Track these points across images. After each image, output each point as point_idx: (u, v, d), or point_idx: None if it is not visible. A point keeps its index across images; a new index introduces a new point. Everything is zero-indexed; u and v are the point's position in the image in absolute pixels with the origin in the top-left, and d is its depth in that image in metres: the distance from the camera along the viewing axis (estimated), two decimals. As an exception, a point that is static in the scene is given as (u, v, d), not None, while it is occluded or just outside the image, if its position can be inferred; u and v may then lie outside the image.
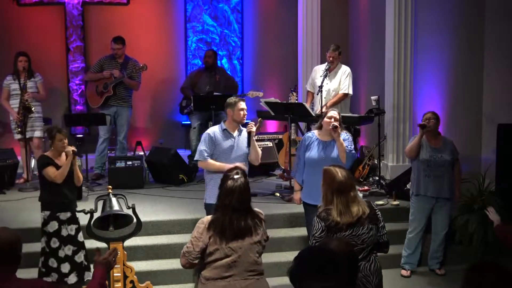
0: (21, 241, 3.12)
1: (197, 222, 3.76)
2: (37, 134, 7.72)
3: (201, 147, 5.32)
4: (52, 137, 5.18)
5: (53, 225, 5.14)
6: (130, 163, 7.65)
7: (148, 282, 4.96)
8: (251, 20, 9.78)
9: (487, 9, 6.71)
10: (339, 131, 5.12)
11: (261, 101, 7.45)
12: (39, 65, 7.94)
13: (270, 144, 8.55)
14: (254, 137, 5.37)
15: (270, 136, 9.04)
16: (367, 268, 3.80)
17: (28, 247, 5.37)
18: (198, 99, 7.88)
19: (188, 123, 8.84)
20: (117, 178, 7.39)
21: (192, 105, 8.07)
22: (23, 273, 5.17)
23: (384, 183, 7.21)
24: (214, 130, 5.37)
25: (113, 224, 4.85)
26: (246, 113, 5.39)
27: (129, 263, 4.90)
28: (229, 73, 9.29)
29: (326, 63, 7.23)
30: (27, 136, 7.65)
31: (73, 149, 5.17)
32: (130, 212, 4.91)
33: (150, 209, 6.50)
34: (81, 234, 5.26)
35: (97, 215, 4.84)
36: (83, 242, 5.27)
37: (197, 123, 8.34)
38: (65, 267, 5.14)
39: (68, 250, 5.15)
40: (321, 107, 6.95)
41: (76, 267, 5.17)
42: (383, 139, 7.74)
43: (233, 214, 3.61)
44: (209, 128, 5.49)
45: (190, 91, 8.53)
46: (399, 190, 6.69)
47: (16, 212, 6.43)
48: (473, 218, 5.92)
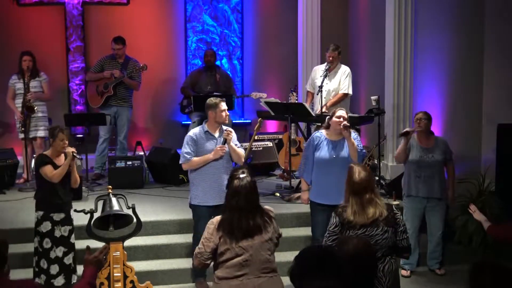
0: (7, 242, 3.16)
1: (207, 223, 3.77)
2: (40, 134, 7.71)
3: (184, 149, 5.34)
4: (54, 135, 5.13)
5: (46, 226, 5.13)
6: (130, 163, 7.65)
7: (148, 282, 4.95)
8: (251, 20, 9.78)
9: (487, 9, 6.71)
10: (350, 130, 5.12)
11: (261, 101, 7.45)
12: (39, 65, 7.91)
13: (270, 144, 8.54)
14: (231, 143, 5.35)
15: (270, 136, 9.04)
16: (380, 269, 3.81)
17: (29, 247, 5.39)
18: (198, 99, 7.87)
19: (188, 122, 8.84)
20: (117, 178, 7.39)
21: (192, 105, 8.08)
22: (22, 273, 5.22)
23: (384, 183, 7.20)
24: (195, 132, 5.38)
25: (113, 224, 4.84)
26: (228, 113, 5.40)
27: (129, 263, 4.89)
28: (224, 70, 9.24)
29: (326, 63, 7.22)
30: (31, 135, 7.65)
31: (73, 150, 5.14)
32: (130, 212, 4.90)
33: (150, 209, 6.50)
34: (73, 235, 5.24)
35: (97, 215, 4.84)
36: (74, 243, 5.24)
37: (196, 118, 8.31)
38: (54, 268, 5.11)
39: (59, 251, 5.13)
40: (321, 107, 6.96)
41: (64, 269, 5.14)
42: (383, 139, 7.74)
43: (241, 213, 3.62)
44: (190, 130, 5.46)
45: (190, 90, 8.53)
46: (399, 190, 6.67)
47: (16, 212, 6.42)
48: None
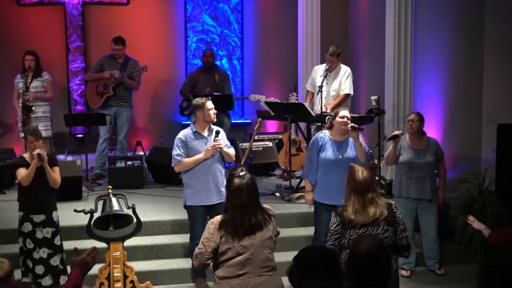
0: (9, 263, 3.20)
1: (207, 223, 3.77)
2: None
3: (175, 152, 5.34)
4: (25, 138, 5.12)
5: (27, 227, 5.14)
6: (130, 163, 7.66)
7: (148, 282, 4.95)
8: (251, 20, 9.78)
9: (487, 9, 6.71)
10: (358, 132, 5.12)
11: (261, 101, 7.45)
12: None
13: (270, 144, 8.54)
14: (224, 149, 5.35)
15: (270, 136, 9.03)
16: None
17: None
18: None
19: (188, 122, 8.83)
20: (117, 178, 7.39)
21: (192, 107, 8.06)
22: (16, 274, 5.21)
23: (384, 183, 7.20)
24: (184, 133, 5.39)
25: (113, 224, 4.84)
26: (215, 111, 5.39)
27: (129, 263, 4.89)
28: (224, 70, 9.21)
29: (326, 64, 7.23)
30: None
31: (38, 152, 5.05)
32: (130, 212, 4.90)
33: (150, 209, 6.50)
34: (58, 237, 5.23)
35: (97, 215, 4.84)
36: (60, 245, 5.24)
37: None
38: (39, 269, 5.11)
39: (43, 253, 5.12)
40: (321, 107, 6.96)
41: (51, 270, 5.13)
42: (383, 139, 7.73)
43: (243, 211, 3.63)
44: (180, 132, 5.46)
45: (189, 93, 8.50)
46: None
47: (16, 212, 6.38)
48: (469, 213, 5.91)
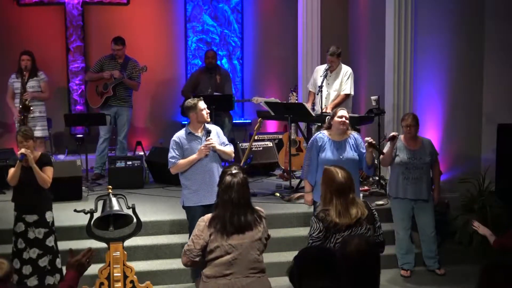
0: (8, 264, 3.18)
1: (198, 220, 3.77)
2: (38, 134, 7.68)
3: (170, 154, 5.33)
4: (16, 138, 5.14)
5: (20, 226, 5.15)
6: (130, 163, 7.65)
7: (148, 282, 4.95)
8: (251, 20, 9.77)
9: (487, 9, 6.71)
10: (375, 150, 5.20)
11: (261, 101, 7.45)
12: (39, 65, 7.91)
13: (270, 144, 8.54)
14: (217, 147, 5.32)
15: (270, 136, 9.03)
16: None
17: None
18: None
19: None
20: (117, 178, 7.39)
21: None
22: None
23: (384, 183, 7.19)
24: (179, 135, 5.38)
25: (113, 224, 4.85)
26: (208, 111, 5.38)
27: (129, 263, 4.89)
28: (225, 70, 9.19)
29: (326, 64, 7.23)
30: None
31: (22, 151, 5.04)
32: (130, 212, 4.91)
33: (150, 209, 6.50)
34: (51, 238, 5.23)
35: (97, 215, 4.84)
36: (52, 246, 5.23)
37: None
38: (27, 269, 5.11)
39: (33, 253, 5.12)
40: (321, 107, 6.96)
41: (38, 271, 5.13)
42: (383, 139, 7.73)
43: (233, 209, 3.63)
44: (175, 134, 5.46)
45: (191, 94, 8.48)
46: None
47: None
48: (473, 218, 5.91)
